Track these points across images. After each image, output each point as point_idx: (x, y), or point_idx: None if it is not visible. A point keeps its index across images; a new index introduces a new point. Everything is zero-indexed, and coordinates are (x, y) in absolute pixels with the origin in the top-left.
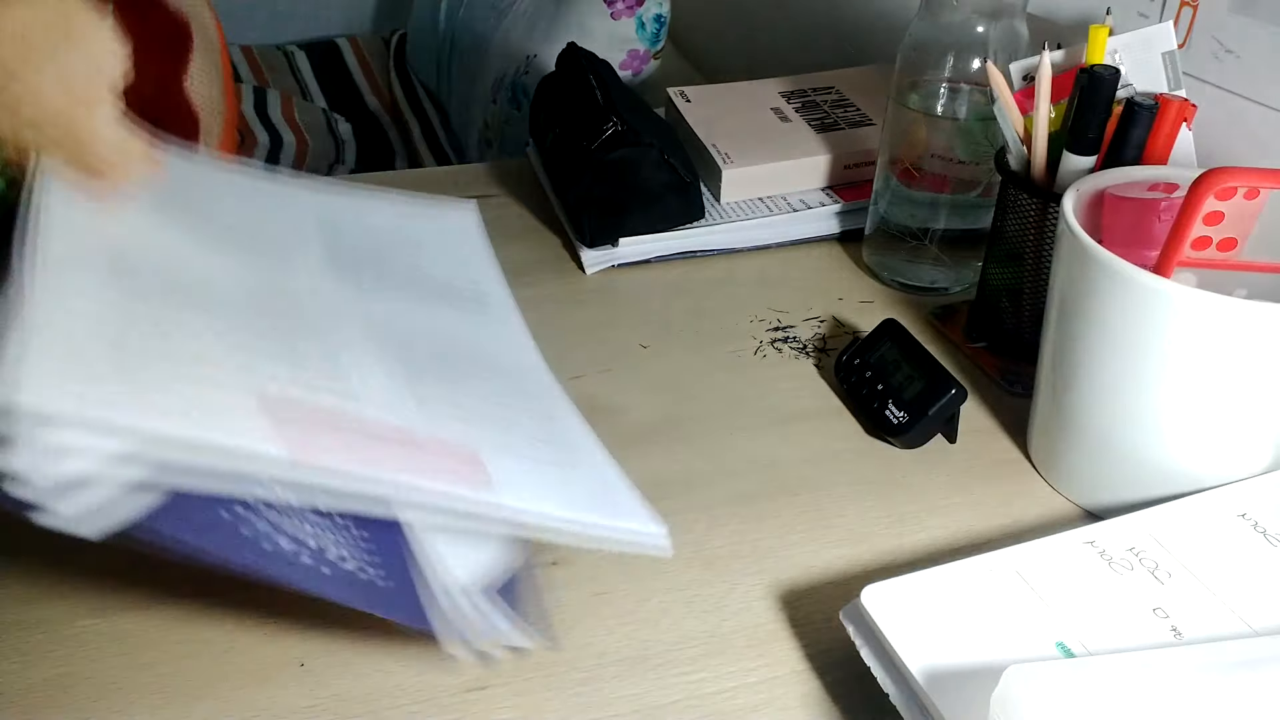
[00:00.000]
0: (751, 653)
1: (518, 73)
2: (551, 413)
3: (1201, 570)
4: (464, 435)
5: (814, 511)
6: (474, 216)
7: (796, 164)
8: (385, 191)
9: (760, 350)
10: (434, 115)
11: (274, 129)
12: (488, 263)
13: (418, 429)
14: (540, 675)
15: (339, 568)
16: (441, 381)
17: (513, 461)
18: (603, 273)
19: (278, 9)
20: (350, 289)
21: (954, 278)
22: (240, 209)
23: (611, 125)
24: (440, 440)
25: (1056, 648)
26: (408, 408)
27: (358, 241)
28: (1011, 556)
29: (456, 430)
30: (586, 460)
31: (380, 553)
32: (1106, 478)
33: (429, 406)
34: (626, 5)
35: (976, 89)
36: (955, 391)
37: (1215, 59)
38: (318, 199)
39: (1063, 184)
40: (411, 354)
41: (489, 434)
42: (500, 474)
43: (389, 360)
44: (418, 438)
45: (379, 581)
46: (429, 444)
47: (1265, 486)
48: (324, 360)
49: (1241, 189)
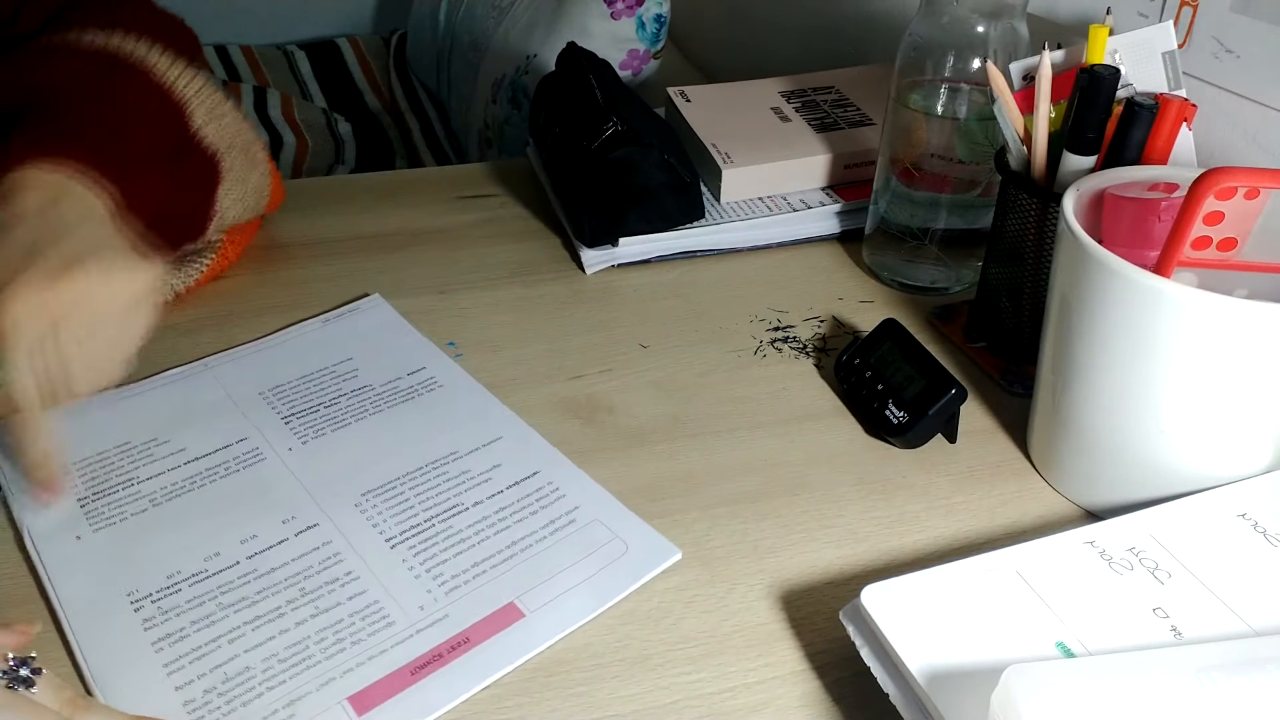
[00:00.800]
0: (751, 653)
1: (518, 73)
2: (536, 467)
3: (1201, 570)
4: (491, 593)
5: (814, 511)
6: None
7: (796, 164)
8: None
9: (760, 350)
10: (434, 115)
11: (274, 129)
12: (412, 340)
13: (453, 617)
14: (540, 675)
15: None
16: (450, 540)
17: (540, 588)
18: (603, 273)
19: (278, 9)
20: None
21: (954, 278)
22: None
23: (611, 125)
24: (478, 619)
25: (1056, 648)
26: (438, 600)
27: (299, 390)
28: (1011, 556)
29: (485, 592)
30: (583, 513)
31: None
32: (1106, 478)
33: (455, 586)
34: (626, 5)
35: (976, 89)
36: (955, 391)
37: (1215, 59)
38: (245, 374)
39: (1063, 184)
40: (414, 519)
41: (510, 576)
42: (534, 603)
43: (402, 548)
44: (461, 632)
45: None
46: (471, 630)
47: (1265, 486)
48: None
49: (1241, 189)
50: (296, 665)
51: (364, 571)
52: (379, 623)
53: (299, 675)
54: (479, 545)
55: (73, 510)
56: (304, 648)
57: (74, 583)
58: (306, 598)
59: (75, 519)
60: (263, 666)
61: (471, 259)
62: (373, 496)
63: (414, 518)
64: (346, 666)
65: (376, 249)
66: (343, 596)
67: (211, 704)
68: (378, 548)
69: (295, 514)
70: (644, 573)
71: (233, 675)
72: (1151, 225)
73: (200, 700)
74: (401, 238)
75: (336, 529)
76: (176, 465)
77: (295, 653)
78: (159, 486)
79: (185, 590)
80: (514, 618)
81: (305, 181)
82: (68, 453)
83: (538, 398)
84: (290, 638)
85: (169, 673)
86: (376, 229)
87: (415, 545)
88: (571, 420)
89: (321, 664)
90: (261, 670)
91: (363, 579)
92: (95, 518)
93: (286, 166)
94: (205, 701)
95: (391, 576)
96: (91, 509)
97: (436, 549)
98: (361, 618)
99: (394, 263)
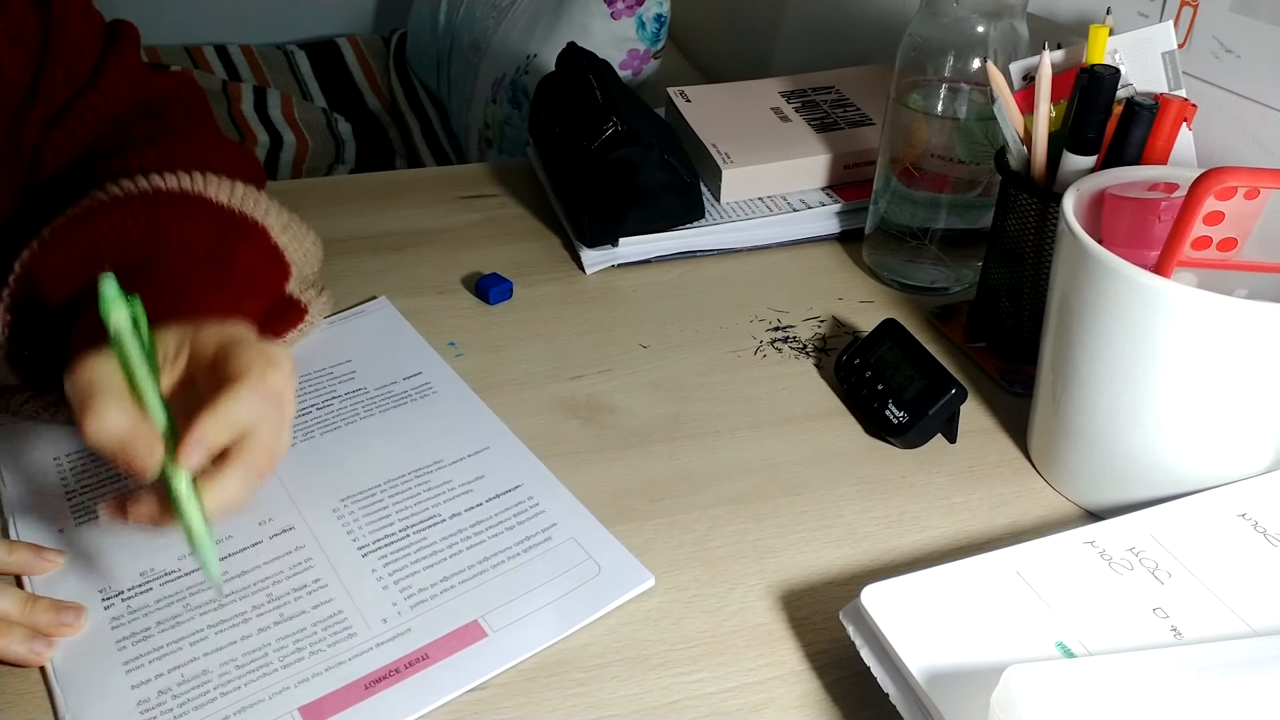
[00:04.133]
0: (751, 653)
1: (518, 73)
2: (519, 480)
3: (1201, 570)
4: (456, 609)
5: (814, 511)
6: (385, 305)
7: (796, 164)
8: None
9: (760, 350)
10: (434, 115)
11: (274, 129)
12: (413, 344)
13: (415, 632)
14: (540, 675)
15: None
16: (422, 553)
17: (506, 607)
18: (603, 273)
19: (278, 9)
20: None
21: (954, 278)
22: None
23: (611, 125)
24: (439, 636)
25: (1056, 648)
26: (402, 614)
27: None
28: (1011, 556)
29: (450, 608)
30: (560, 530)
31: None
32: (1106, 478)
33: (421, 601)
34: (626, 5)
35: (976, 89)
36: (955, 391)
37: (1215, 59)
38: None
39: (1063, 184)
40: (390, 528)
41: (477, 593)
42: (498, 622)
43: (373, 558)
44: (421, 648)
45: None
46: (431, 646)
47: (1265, 486)
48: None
49: (1241, 189)
50: (253, 672)
51: (333, 579)
52: (340, 633)
53: (254, 682)
54: (451, 559)
55: (59, 504)
56: (263, 655)
57: (50, 577)
58: (273, 603)
59: (60, 512)
60: (220, 671)
61: (471, 259)
62: (351, 503)
63: (389, 527)
64: (302, 676)
65: (376, 249)
66: (308, 604)
67: (165, 705)
68: (349, 556)
69: (273, 516)
70: (614, 597)
71: (189, 678)
72: (1151, 225)
73: (154, 701)
74: (401, 238)
75: (311, 534)
76: None
77: (254, 659)
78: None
79: (156, 589)
80: (476, 637)
81: (305, 182)
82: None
83: (537, 398)
84: (252, 644)
85: (127, 670)
86: (376, 229)
87: (387, 555)
88: (571, 420)
89: (278, 672)
90: (218, 675)
91: (330, 587)
92: (80, 512)
93: (286, 166)
94: (159, 703)
95: (359, 586)
96: (77, 503)
97: (408, 560)
98: (324, 627)
99: (394, 262)
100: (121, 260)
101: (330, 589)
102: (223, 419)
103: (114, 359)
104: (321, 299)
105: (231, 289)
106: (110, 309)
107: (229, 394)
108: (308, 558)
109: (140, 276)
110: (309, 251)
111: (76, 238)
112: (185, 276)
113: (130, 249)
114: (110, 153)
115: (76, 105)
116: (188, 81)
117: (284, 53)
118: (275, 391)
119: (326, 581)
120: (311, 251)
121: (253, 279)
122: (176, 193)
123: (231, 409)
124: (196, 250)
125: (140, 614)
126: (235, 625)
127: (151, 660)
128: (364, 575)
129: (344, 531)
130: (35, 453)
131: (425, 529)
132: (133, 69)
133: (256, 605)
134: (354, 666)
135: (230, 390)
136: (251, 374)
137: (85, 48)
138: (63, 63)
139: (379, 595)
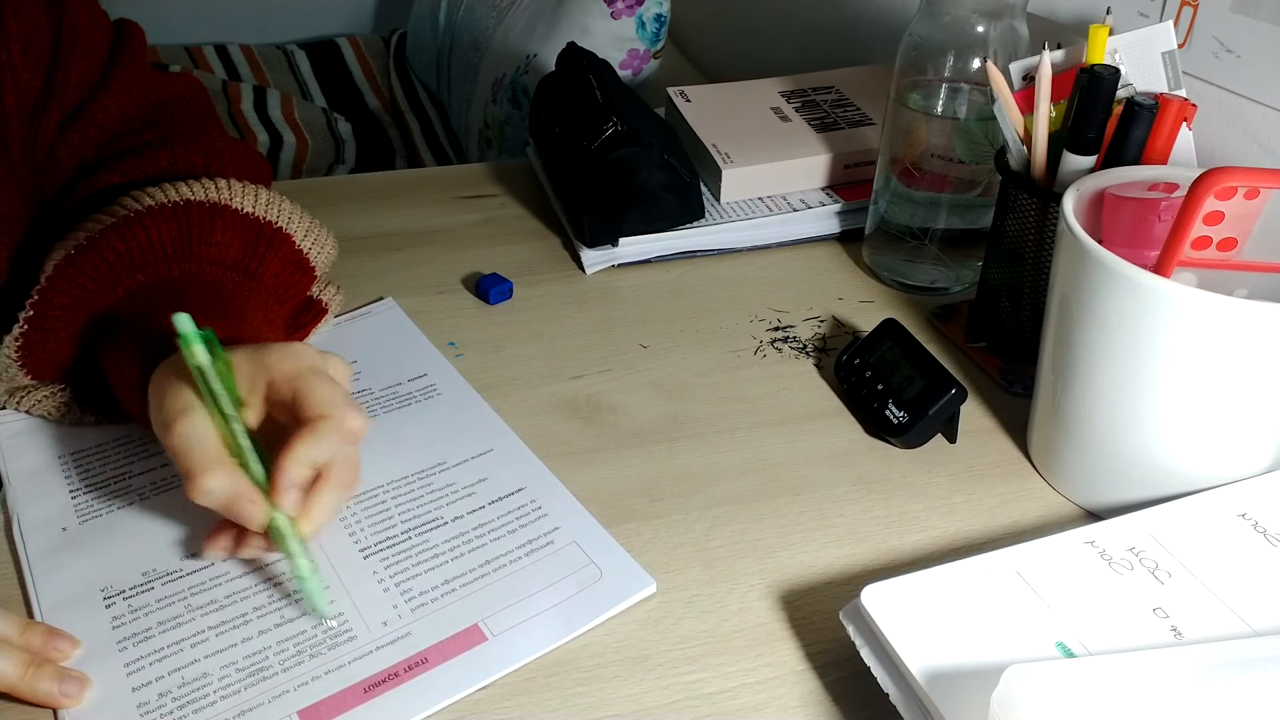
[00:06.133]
0: (751, 653)
1: (518, 73)
2: (522, 483)
3: (1201, 570)
4: (457, 613)
5: (814, 511)
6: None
7: (796, 164)
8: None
9: (760, 350)
10: (434, 115)
11: (274, 128)
12: (418, 345)
13: (415, 635)
14: (540, 675)
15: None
16: (424, 555)
17: (507, 610)
18: (603, 273)
19: (278, 9)
20: None
21: (954, 278)
22: None
23: (611, 125)
24: (439, 640)
25: (1056, 648)
26: (403, 617)
27: None
28: (1011, 556)
29: (451, 611)
30: (562, 534)
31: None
32: (1106, 478)
33: (422, 604)
34: (626, 5)
35: (976, 89)
36: (955, 391)
37: (1215, 59)
38: None
39: (1063, 184)
40: (392, 530)
41: (478, 597)
42: (498, 626)
43: (375, 560)
44: (421, 651)
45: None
46: (431, 650)
47: (1265, 486)
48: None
49: (1241, 189)
50: (253, 675)
51: (334, 581)
52: (340, 636)
53: (254, 686)
54: (452, 562)
55: (64, 502)
56: (264, 658)
57: (52, 575)
58: (274, 604)
59: (65, 511)
60: (220, 674)
61: (471, 259)
62: (354, 504)
63: (392, 529)
64: (302, 680)
65: (376, 249)
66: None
67: (165, 708)
68: (351, 557)
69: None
70: (616, 603)
71: (190, 680)
72: (1151, 225)
73: (154, 704)
74: (401, 238)
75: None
76: (169, 461)
77: (254, 662)
78: (149, 481)
79: (158, 589)
80: (477, 640)
81: (305, 182)
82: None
83: (538, 398)
84: (252, 646)
85: (129, 673)
86: (377, 229)
87: (389, 557)
88: (571, 420)
89: (278, 675)
90: (219, 678)
91: (332, 589)
92: (84, 511)
93: (286, 166)
94: (159, 705)
95: (361, 588)
96: (81, 501)
97: (409, 563)
98: (324, 630)
99: (394, 263)
100: (155, 273)
101: (331, 590)
102: (308, 461)
103: (199, 403)
104: (339, 296)
105: (262, 299)
106: (192, 347)
107: (311, 437)
108: None
109: (178, 291)
110: (329, 255)
111: (112, 247)
112: (222, 292)
113: (163, 262)
114: (126, 154)
115: (89, 106)
116: (193, 82)
117: (284, 53)
118: (353, 432)
119: (328, 583)
120: (330, 253)
121: (281, 287)
122: (205, 203)
123: (315, 451)
124: (226, 263)
125: (141, 613)
126: (236, 627)
127: (152, 662)
128: (365, 577)
129: (346, 533)
130: (41, 452)
131: (428, 531)
132: (141, 70)
133: (258, 607)
134: (354, 670)
135: (312, 433)
136: (332, 418)
137: (95, 49)
138: (74, 64)
139: (380, 597)
